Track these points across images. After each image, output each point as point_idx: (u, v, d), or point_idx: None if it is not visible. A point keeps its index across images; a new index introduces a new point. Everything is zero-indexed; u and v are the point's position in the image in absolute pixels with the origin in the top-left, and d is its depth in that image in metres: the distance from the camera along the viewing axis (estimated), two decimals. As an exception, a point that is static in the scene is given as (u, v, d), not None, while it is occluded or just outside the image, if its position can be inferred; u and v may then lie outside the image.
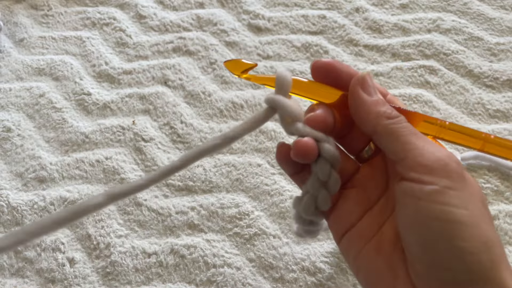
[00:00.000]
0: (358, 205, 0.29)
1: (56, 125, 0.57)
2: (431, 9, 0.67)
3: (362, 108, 0.27)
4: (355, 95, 0.28)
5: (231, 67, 0.30)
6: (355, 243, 0.29)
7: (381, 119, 0.27)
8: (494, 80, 0.59)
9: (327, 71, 0.29)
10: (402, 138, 0.26)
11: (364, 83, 0.28)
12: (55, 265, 0.46)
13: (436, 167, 0.24)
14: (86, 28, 0.68)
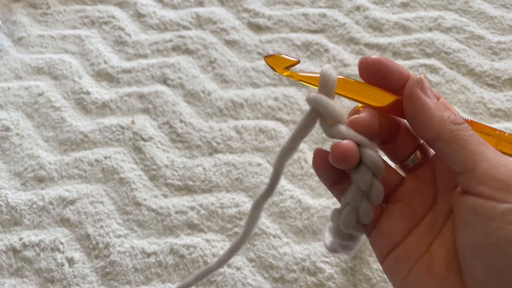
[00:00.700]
0: (403, 221, 0.26)
1: (55, 124, 0.57)
2: (432, 8, 0.67)
3: (424, 112, 0.25)
4: (414, 98, 0.25)
5: (273, 63, 0.27)
6: (402, 263, 0.26)
7: (447, 124, 0.24)
8: (495, 79, 0.58)
9: (376, 69, 0.26)
10: (471, 147, 0.23)
11: (424, 86, 0.25)
12: (54, 265, 0.46)
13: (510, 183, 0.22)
14: (85, 27, 0.67)
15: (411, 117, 0.25)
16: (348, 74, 0.60)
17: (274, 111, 0.57)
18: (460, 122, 0.24)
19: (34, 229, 0.49)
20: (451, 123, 0.24)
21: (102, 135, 0.56)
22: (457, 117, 0.24)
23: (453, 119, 0.24)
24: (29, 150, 0.54)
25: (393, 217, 0.27)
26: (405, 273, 0.26)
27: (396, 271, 0.26)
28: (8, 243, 0.48)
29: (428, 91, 0.25)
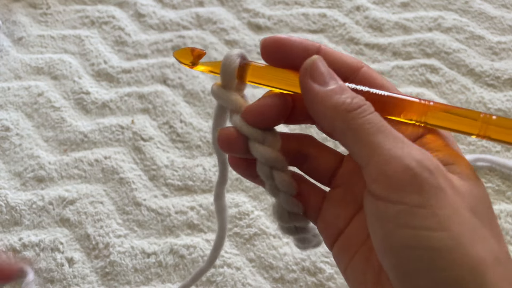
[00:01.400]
0: (344, 207, 0.24)
1: (54, 124, 0.57)
2: (432, 8, 0.67)
3: (315, 102, 0.22)
4: (304, 88, 0.22)
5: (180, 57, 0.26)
6: (344, 252, 0.24)
7: (339, 113, 0.21)
8: (496, 79, 0.58)
9: (276, 50, 0.24)
10: (366, 138, 0.20)
11: (314, 71, 0.22)
12: (54, 265, 0.46)
13: (403, 180, 0.19)
14: (85, 27, 0.67)
15: (308, 109, 0.23)
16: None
17: (274, 111, 0.57)
18: (355, 106, 0.21)
19: (34, 229, 0.49)
20: (345, 111, 0.21)
21: (102, 135, 0.55)
22: (354, 99, 0.21)
23: (347, 104, 0.21)
24: (29, 150, 0.54)
25: (334, 204, 0.25)
26: (347, 262, 0.24)
27: (340, 260, 0.25)
28: (8, 243, 0.47)
29: (322, 76, 0.22)
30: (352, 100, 0.21)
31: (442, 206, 0.19)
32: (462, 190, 0.20)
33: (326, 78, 0.22)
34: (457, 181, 0.21)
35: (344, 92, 0.22)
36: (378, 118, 0.21)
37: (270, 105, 0.24)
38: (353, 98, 0.21)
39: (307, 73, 0.22)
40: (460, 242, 0.19)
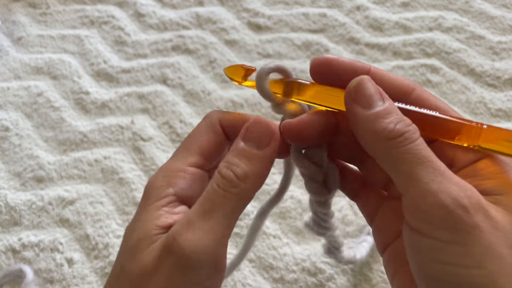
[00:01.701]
0: (397, 219, 0.24)
1: (54, 124, 0.57)
2: (432, 8, 0.66)
3: (357, 126, 0.22)
4: (348, 109, 0.22)
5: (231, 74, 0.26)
6: (394, 261, 0.24)
7: (380, 140, 0.21)
8: (496, 79, 0.58)
9: (325, 70, 0.24)
10: (404, 168, 0.20)
11: (358, 93, 0.22)
12: (53, 265, 0.46)
13: (437, 216, 0.19)
14: (85, 27, 0.67)
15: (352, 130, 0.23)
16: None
17: (274, 111, 0.57)
18: (397, 134, 0.20)
19: (33, 230, 0.48)
20: (385, 139, 0.21)
21: (102, 135, 0.55)
22: (397, 125, 0.21)
23: (389, 131, 0.21)
24: (29, 150, 0.54)
25: (389, 211, 0.25)
26: (394, 271, 0.24)
27: (388, 268, 0.25)
28: (8, 243, 0.47)
29: (366, 98, 0.22)
30: (394, 126, 0.21)
31: (476, 244, 0.19)
32: (504, 225, 0.20)
33: (371, 100, 0.22)
34: (501, 215, 0.20)
35: (389, 116, 0.21)
36: (420, 147, 0.20)
37: (308, 123, 0.24)
38: (397, 123, 0.21)
39: (351, 94, 0.22)
40: (494, 279, 0.19)
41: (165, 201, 0.23)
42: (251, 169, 0.22)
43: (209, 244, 0.21)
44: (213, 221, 0.21)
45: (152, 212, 0.23)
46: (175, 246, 0.21)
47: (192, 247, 0.21)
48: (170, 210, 0.23)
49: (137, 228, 0.23)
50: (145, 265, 0.22)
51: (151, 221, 0.22)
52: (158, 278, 0.21)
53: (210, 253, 0.21)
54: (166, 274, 0.21)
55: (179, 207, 0.23)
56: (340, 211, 0.48)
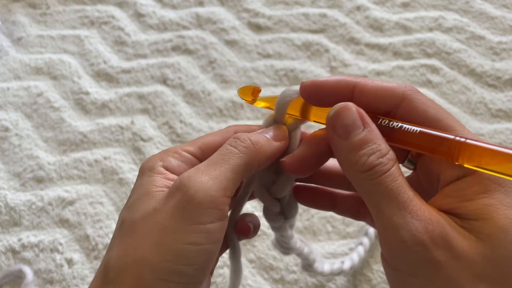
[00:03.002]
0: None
1: (54, 125, 0.57)
2: (432, 8, 0.66)
3: (336, 155, 0.23)
4: (329, 139, 0.23)
5: (243, 94, 0.28)
6: None
7: (354, 172, 0.22)
8: (496, 79, 0.58)
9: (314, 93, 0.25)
10: (373, 201, 0.21)
11: (335, 122, 0.22)
12: (53, 265, 0.46)
13: (397, 250, 0.20)
14: (85, 27, 0.67)
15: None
16: (349, 74, 0.60)
17: (274, 111, 0.57)
18: (366, 169, 0.21)
19: (33, 230, 0.48)
20: (358, 172, 0.21)
21: (102, 135, 0.55)
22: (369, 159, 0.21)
23: (360, 166, 0.21)
24: (28, 151, 0.54)
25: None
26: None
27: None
28: (7, 243, 0.47)
29: (343, 128, 0.22)
30: (367, 159, 0.21)
31: (435, 278, 0.20)
32: (470, 255, 0.20)
33: (348, 129, 0.22)
34: (468, 245, 0.20)
35: (365, 147, 0.21)
36: (389, 179, 0.21)
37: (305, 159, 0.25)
38: (370, 155, 0.21)
39: (329, 123, 0.23)
40: None
41: (158, 170, 0.25)
42: (264, 141, 0.24)
43: (213, 188, 0.22)
44: (219, 171, 0.23)
45: (147, 178, 0.24)
46: (181, 186, 0.22)
47: (196, 187, 0.22)
48: (165, 176, 0.24)
49: (135, 191, 0.24)
50: (148, 209, 0.23)
51: (149, 183, 0.24)
52: (161, 216, 0.22)
53: (213, 196, 0.22)
54: (169, 211, 0.22)
55: (172, 175, 0.25)
56: (340, 212, 0.48)
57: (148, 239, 0.22)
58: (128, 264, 0.22)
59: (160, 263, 0.21)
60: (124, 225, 0.23)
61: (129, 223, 0.23)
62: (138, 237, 0.22)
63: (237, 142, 0.24)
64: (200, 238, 0.22)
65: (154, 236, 0.22)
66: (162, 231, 0.22)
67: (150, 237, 0.22)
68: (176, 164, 0.25)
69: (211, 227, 0.22)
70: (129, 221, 0.23)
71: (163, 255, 0.21)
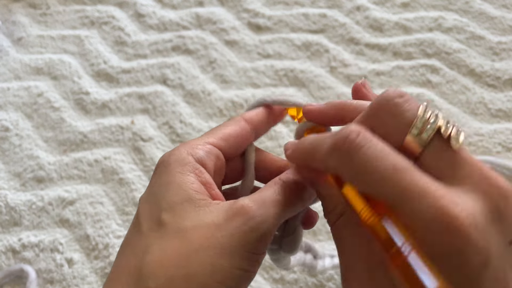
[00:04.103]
0: None
1: (54, 125, 0.57)
2: (432, 8, 0.66)
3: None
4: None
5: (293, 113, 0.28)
6: None
7: None
8: (496, 79, 0.58)
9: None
10: None
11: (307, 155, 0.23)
12: (53, 265, 0.46)
13: None
14: (85, 27, 0.67)
15: None
16: (349, 74, 0.60)
17: (274, 111, 0.57)
18: None
19: (33, 230, 0.48)
20: None
21: (102, 135, 0.55)
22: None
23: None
24: (29, 151, 0.54)
25: None
26: None
27: None
28: (8, 243, 0.47)
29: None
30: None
31: None
32: None
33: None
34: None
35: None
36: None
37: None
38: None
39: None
40: None
41: (191, 167, 0.24)
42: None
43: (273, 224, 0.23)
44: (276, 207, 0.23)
45: (181, 175, 0.23)
46: (243, 211, 0.22)
47: (262, 219, 0.22)
48: (199, 178, 0.24)
49: (173, 191, 0.23)
50: (203, 221, 0.22)
51: (187, 186, 0.23)
52: (221, 234, 0.21)
53: (271, 232, 0.23)
54: (231, 232, 0.22)
55: (204, 173, 0.24)
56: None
57: (200, 256, 0.21)
58: (175, 277, 0.21)
59: (211, 284, 0.21)
60: (167, 229, 0.22)
61: (175, 229, 0.22)
62: (192, 249, 0.21)
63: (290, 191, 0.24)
64: (251, 266, 0.22)
65: (210, 253, 0.21)
66: (219, 251, 0.21)
67: (204, 255, 0.21)
68: (206, 158, 0.25)
69: (260, 258, 0.23)
70: (175, 226, 0.22)
71: (216, 276, 0.21)
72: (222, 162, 0.26)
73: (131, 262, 0.21)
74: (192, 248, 0.21)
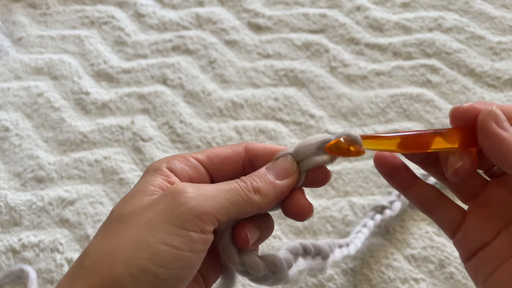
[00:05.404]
0: (489, 223, 0.27)
1: (54, 125, 0.57)
2: (432, 8, 0.66)
3: (500, 147, 0.24)
4: (489, 132, 0.25)
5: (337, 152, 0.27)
6: (486, 264, 0.26)
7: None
8: (496, 79, 0.58)
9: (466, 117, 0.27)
10: None
11: (498, 118, 0.25)
12: (53, 265, 0.46)
13: None
14: (85, 27, 0.67)
15: (487, 151, 0.25)
16: (349, 74, 0.60)
17: (274, 111, 0.57)
18: None
19: (33, 230, 0.48)
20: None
21: (102, 135, 0.55)
22: None
23: None
24: (29, 151, 0.54)
25: (477, 220, 0.27)
26: (488, 273, 0.26)
27: (479, 271, 0.27)
28: (8, 243, 0.47)
29: (504, 123, 0.25)
30: None
31: None
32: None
33: (507, 126, 0.25)
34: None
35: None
36: None
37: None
38: None
39: (492, 119, 0.25)
40: None
41: (162, 171, 0.25)
42: (264, 188, 0.25)
43: (207, 203, 0.23)
44: (219, 195, 0.23)
45: (148, 177, 0.25)
46: (176, 190, 0.23)
47: (192, 196, 0.22)
48: (166, 178, 0.25)
49: (133, 188, 0.25)
50: (139, 205, 0.23)
51: (148, 182, 0.24)
52: (150, 212, 0.22)
53: (205, 209, 0.22)
54: (159, 208, 0.22)
55: (174, 177, 0.25)
56: (340, 212, 0.48)
57: (129, 233, 0.22)
58: (104, 253, 0.22)
59: (134, 259, 0.21)
60: (111, 217, 0.24)
61: (117, 215, 0.23)
62: (122, 229, 0.22)
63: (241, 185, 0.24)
64: (180, 242, 0.22)
65: (136, 230, 0.22)
66: (145, 227, 0.22)
67: (132, 231, 0.22)
68: (180, 167, 0.25)
69: (194, 235, 0.22)
70: (118, 213, 0.23)
71: (139, 251, 0.21)
72: (202, 175, 0.26)
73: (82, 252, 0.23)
74: (125, 228, 0.22)
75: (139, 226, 0.22)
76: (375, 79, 0.59)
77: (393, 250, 0.46)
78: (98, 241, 0.23)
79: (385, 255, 0.45)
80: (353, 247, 0.42)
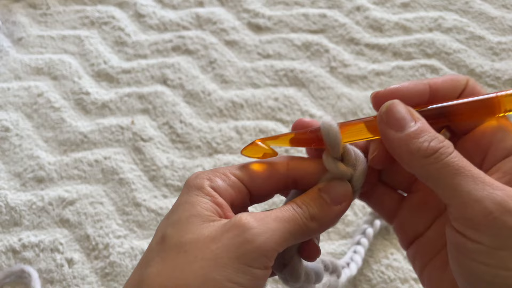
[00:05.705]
0: (424, 211, 0.26)
1: (54, 125, 0.57)
2: (432, 8, 0.67)
3: (394, 149, 0.23)
4: (383, 135, 0.24)
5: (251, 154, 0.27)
6: (420, 255, 0.25)
7: (416, 159, 0.22)
8: (496, 79, 0.58)
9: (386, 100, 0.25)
10: (444, 182, 0.21)
11: (389, 117, 0.23)
12: (53, 265, 0.46)
13: (482, 223, 0.20)
14: (85, 27, 0.67)
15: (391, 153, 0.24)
16: (349, 74, 0.60)
17: (274, 111, 0.57)
18: (431, 152, 0.22)
19: (33, 230, 0.49)
20: (421, 158, 0.22)
21: (102, 135, 0.55)
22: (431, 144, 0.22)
23: (423, 151, 0.22)
24: (29, 151, 0.54)
25: (413, 207, 0.26)
26: (423, 265, 0.25)
27: (415, 262, 0.26)
28: (8, 243, 0.47)
29: (398, 121, 0.23)
30: (428, 144, 0.22)
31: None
32: None
33: (403, 122, 0.23)
34: None
35: (421, 135, 0.22)
36: (457, 158, 0.21)
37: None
38: (430, 141, 0.22)
39: (382, 121, 0.23)
40: None
41: (207, 190, 0.24)
42: (321, 215, 0.24)
43: (272, 239, 0.22)
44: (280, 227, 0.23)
45: (196, 197, 0.24)
46: (240, 224, 0.22)
47: (259, 232, 0.22)
48: (213, 199, 0.24)
49: (182, 208, 0.24)
50: (201, 234, 0.22)
51: (198, 204, 0.23)
52: (216, 246, 0.21)
53: (270, 246, 0.22)
54: (225, 243, 0.21)
55: (220, 198, 0.24)
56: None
57: (193, 266, 0.21)
58: (167, 287, 0.21)
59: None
60: (169, 243, 0.22)
61: (176, 242, 0.22)
62: (183, 260, 0.21)
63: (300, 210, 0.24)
64: (246, 280, 0.21)
65: (201, 264, 0.21)
66: (211, 263, 0.21)
67: (196, 265, 0.21)
68: (223, 187, 0.24)
69: (258, 273, 0.22)
70: (177, 240, 0.22)
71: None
72: (243, 195, 0.25)
73: (135, 274, 0.22)
74: (187, 260, 0.21)
75: (204, 261, 0.21)
76: (375, 79, 0.59)
77: (393, 250, 0.46)
78: (157, 271, 0.22)
79: (385, 255, 0.45)
80: (354, 266, 0.42)
